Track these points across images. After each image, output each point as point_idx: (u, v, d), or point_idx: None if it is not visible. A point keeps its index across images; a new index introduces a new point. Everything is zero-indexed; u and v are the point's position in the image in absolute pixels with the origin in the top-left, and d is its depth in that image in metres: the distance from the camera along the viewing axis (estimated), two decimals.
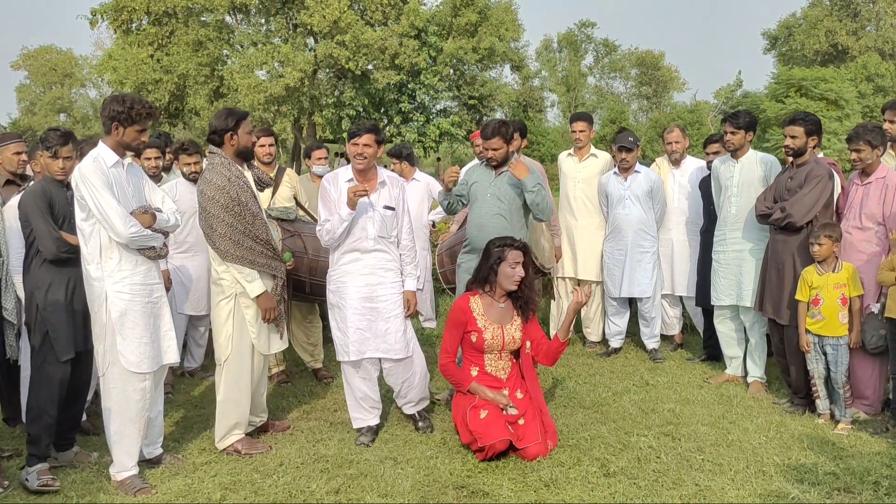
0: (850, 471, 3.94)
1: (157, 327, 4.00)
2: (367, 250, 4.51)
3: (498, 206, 4.98)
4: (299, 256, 5.31)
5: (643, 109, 56.89)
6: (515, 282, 4.44)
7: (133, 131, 3.87)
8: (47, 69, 54.36)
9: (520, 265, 4.44)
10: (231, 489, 3.87)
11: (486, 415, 4.25)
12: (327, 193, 4.55)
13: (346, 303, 4.51)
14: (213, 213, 4.14)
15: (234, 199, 4.16)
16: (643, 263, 6.21)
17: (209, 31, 27.89)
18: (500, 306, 4.51)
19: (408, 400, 4.71)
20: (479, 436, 4.13)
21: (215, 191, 4.13)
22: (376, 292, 4.52)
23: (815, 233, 4.70)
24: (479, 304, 4.50)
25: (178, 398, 5.41)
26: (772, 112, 34.49)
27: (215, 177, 4.17)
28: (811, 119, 4.93)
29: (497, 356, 4.50)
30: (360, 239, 4.50)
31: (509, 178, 5.00)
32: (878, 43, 44.87)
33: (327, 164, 7.21)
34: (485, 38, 32.16)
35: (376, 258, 4.54)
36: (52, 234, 3.98)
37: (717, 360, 5.95)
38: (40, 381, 4.00)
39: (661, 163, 6.62)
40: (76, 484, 3.96)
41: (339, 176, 4.62)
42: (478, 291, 4.55)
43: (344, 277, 4.53)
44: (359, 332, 4.49)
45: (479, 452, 4.18)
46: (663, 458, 4.16)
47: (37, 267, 4.06)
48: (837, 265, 4.68)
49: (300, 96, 27.67)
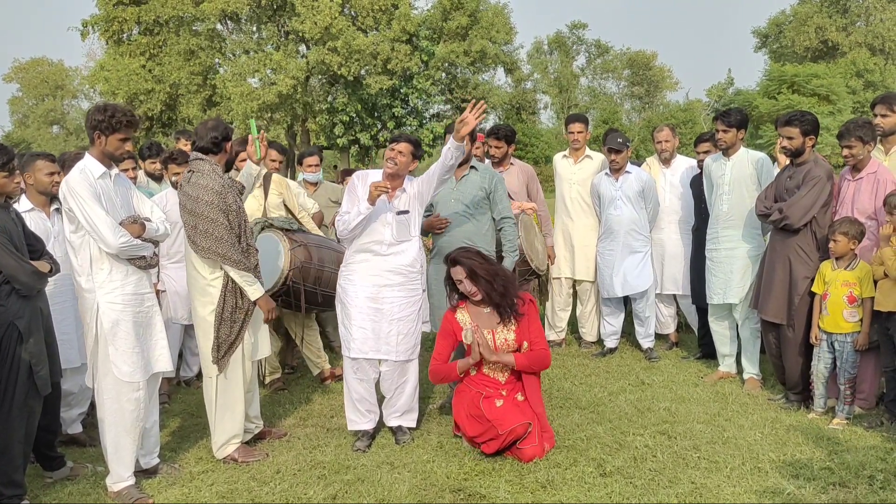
0: (845, 465, 3.96)
1: (148, 336, 3.99)
2: (379, 254, 4.53)
3: (463, 210, 5.00)
4: (306, 267, 5.32)
5: (636, 109, 57.01)
6: (471, 294, 4.38)
7: (115, 140, 3.83)
8: (39, 81, 54.36)
9: (464, 280, 4.34)
10: (228, 498, 3.86)
11: (501, 403, 4.30)
12: (354, 188, 4.59)
13: (351, 301, 4.54)
14: (210, 217, 4.11)
15: (229, 204, 4.17)
16: (635, 263, 6.22)
17: (200, 40, 27.92)
18: (485, 311, 4.48)
19: (395, 409, 4.68)
20: (498, 423, 4.15)
21: (213, 195, 4.12)
22: (381, 294, 4.52)
23: (831, 229, 4.70)
24: (466, 314, 4.49)
25: (174, 407, 5.41)
26: (764, 108, 34.62)
27: (210, 182, 4.15)
28: (807, 119, 4.90)
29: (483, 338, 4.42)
30: (375, 242, 4.52)
31: (471, 181, 5.02)
32: (868, 38, 45.06)
33: (319, 171, 7.21)
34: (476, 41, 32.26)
35: (388, 262, 4.53)
36: (26, 267, 3.68)
37: (713, 358, 5.96)
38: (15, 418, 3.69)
39: (651, 162, 6.64)
40: (73, 496, 3.95)
41: (370, 175, 4.66)
42: (463, 302, 4.54)
43: (352, 276, 4.57)
44: (361, 331, 4.51)
45: (492, 442, 4.18)
46: (659, 456, 4.17)
47: (4, 296, 3.65)
48: (853, 263, 4.66)
49: (293, 103, 27.70)
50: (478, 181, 5.03)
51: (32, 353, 3.71)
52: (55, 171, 4.47)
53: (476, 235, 4.96)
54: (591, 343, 6.77)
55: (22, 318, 3.68)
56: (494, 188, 5.05)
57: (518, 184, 6.34)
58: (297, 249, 5.33)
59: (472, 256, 4.38)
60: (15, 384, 3.66)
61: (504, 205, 5.09)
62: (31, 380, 3.71)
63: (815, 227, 4.86)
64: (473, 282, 4.34)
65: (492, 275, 4.36)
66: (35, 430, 3.85)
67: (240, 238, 4.24)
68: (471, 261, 4.35)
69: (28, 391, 3.71)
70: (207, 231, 4.12)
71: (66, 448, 4.50)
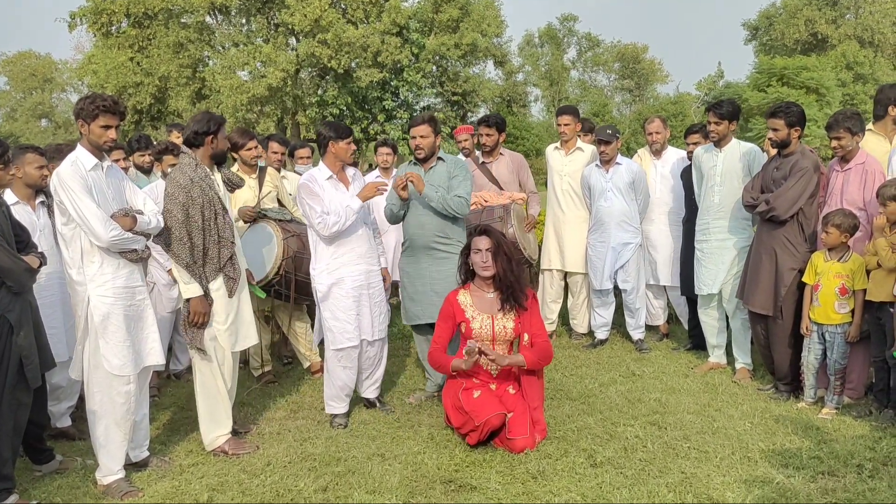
0: (833, 454, 3.98)
1: (139, 329, 3.97)
2: (357, 239, 4.76)
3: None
4: (299, 257, 5.31)
5: (626, 102, 57.06)
6: (484, 267, 4.43)
7: (97, 127, 3.79)
8: (27, 75, 53.91)
9: (483, 250, 4.42)
10: (218, 490, 3.85)
11: (479, 395, 4.34)
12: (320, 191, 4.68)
13: (344, 292, 4.69)
14: (167, 208, 4.15)
15: (192, 198, 4.14)
16: (626, 254, 6.24)
17: (189, 32, 27.70)
18: (488, 296, 4.51)
19: (373, 381, 5.01)
20: (474, 414, 4.19)
21: (175, 188, 4.14)
22: (369, 279, 4.81)
23: (824, 220, 4.72)
24: (468, 296, 4.53)
25: (164, 401, 5.40)
26: (754, 101, 34.67)
27: (179, 176, 4.18)
28: (792, 110, 4.90)
29: (489, 348, 4.46)
30: (353, 229, 4.73)
31: (438, 172, 5.03)
32: (858, 31, 45.17)
33: (311, 164, 7.20)
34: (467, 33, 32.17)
35: (365, 246, 4.81)
36: (20, 265, 3.66)
37: (703, 349, 5.98)
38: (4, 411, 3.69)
39: (643, 154, 6.65)
40: (62, 489, 3.93)
41: (317, 176, 4.77)
42: (468, 285, 4.57)
43: (341, 269, 4.71)
44: (357, 318, 4.73)
45: (473, 433, 4.20)
46: (650, 447, 4.18)
47: None
48: (846, 255, 4.68)
49: (283, 96, 27.54)
50: (445, 170, 5.05)
51: (22, 347, 3.69)
52: (44, 164, 4.47)
53: (447, 227, 4.99)
54: (582, 335, 6.78)
55: (12, 311, 3.66)
56: (458, 172, 5.05)
57: (508, 173, 6.35)
58: (290, 239, 5.35)
59: (499, 235, 4.54)
60: (5, 377, 3.64)
61: (464, 188, 5.01)
62: (21, 373, 3.69)
63: (801, 219, 4.88)
64: (494, 256, 4.41)
65: (511, 257, 4.48)
66: (25, 423, 3.83)
67: (205, 232, 4.20)
68: (498, 237, 4.50)
69: (17, 384, 3.69)
70: (166, 223, 4.14)
71: (55, 441, 4.49)
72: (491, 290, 4.51)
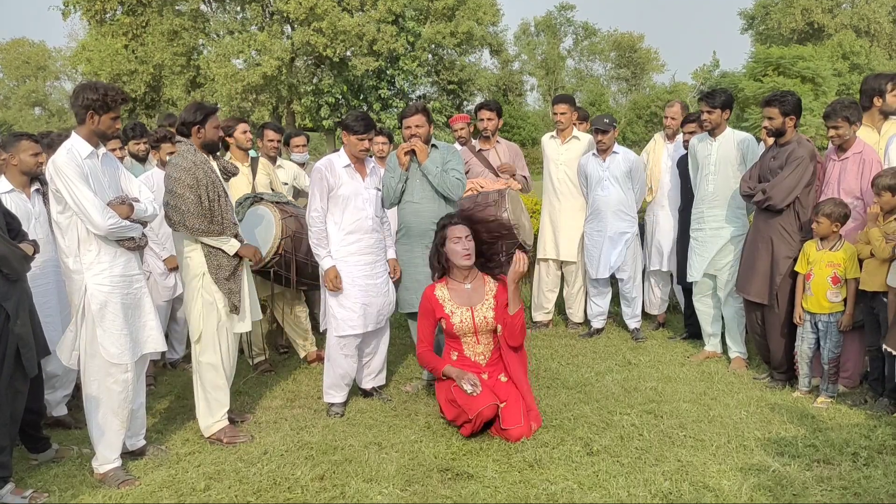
0: (829, 443, 4.00)
1: (137, 318, 3.96)
2: (367, 230, 4.79)
3: (431, 189, 5.02)
4: (297, 237, 5.32)
5: (622, 91, 56.97)
6: (466, 256, 4.43)
7: (108, 119, 3.83)
8: (20, 62, 53.62)
9: (464, 238, 4.43)
10: (215, 479, 3.85)
11: None
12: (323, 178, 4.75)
13: (352, 280, 4.73)
14: (178, 193, 4.17)
15: (198, 179, 4.20)
16: (622, 243, 6.23)
17: (184, 20, 27.59)
18: (466, 287, 4.52)
19: (371, 369, 5.06)
20: (467, 407, 4.19)
21: (181, 172, 4.18)
22: (375, 270, 4.84)
23: (815, 209, 4.72)
24: (445, 291, 4.53)
25: (160, 389, 5.39)
26: (750, 91, 34.60)
27: (181, 160, 4.24)
28: (787, 99, 4.90)
29: (474, 340, 4.50)
30: (361, 219, 4.77)
31: (433, 159, 5.03)
32: (854, 20, 45.18)
33: (306, 152, 7.18)
34: (463, 22, 32.06)
35: (373, 238, 4.84)
36: (17, 252, 3.65)
37: (699, 338, 5.99)
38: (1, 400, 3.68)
39: (657, 138, 6.63)
40: (58, 478, 3.93)
41: (335, 162, 4.81)
42: (443, 279, 4.57)
43: (348, 258, 4.75)
44: (364, 307, 4.75)
45: (467, 425, 4.21)
46: (646, 435, 4.19)
47: None
48: (838, 244, 4.69)
49: (278, 84, 27.47)
50: (439, 157, 5.05)
51: (19, 335, 3.67)
52: (39, 152, 4.45)
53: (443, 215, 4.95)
54: (578, 324, 6.79)
55: (9, 299, 3.64)
56: (451, 157, 5.07)
57: (505, 160, 6.33)
58: (288, 220, 5.34)
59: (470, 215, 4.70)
60: (2, 365, 3.63)
61: (457, 170, 5.05)
62: (18, 361, 3.68)
63: (798, 208, 4.88)
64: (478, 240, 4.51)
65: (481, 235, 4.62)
66: (21, 412, 3.82)
67: (212, 212, 4.26)
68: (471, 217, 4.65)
69: (14, 373, 3.68)
70: (177, 206, 4.18)
71: (52, 430, 4.48)
72: (469, 281, 4.51)
